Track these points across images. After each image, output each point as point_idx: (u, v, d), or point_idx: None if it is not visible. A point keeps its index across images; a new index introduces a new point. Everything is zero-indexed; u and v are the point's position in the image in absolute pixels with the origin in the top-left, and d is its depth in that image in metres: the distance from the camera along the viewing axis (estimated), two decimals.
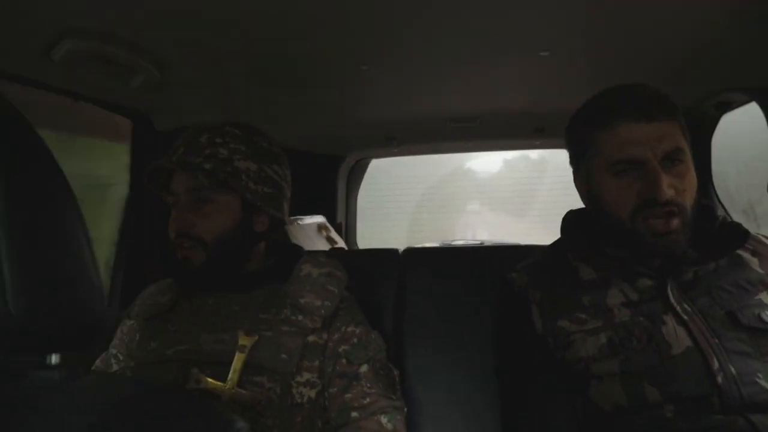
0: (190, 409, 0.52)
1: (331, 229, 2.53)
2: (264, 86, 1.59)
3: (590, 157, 1.08)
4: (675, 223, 0.99)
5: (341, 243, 2.56)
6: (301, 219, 2.31)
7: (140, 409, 0.49)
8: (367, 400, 1.12)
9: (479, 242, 3.38)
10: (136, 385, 0.52)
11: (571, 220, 1.21)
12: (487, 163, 4.32)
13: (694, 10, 1.13)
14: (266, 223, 1.26)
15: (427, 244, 3.04)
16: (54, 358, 0.53)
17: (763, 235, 1.13)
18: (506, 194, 4.23)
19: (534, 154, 3.97)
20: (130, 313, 1.27)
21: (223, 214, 1.19)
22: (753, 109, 1.57)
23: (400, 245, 1.70)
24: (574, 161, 1.16)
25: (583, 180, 1.13)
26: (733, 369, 0.92)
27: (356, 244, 3.04)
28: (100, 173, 1.81)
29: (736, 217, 2.08)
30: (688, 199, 1.01)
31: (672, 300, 0.99)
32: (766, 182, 1.48)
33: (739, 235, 1.07)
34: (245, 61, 1.37)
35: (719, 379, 0.91)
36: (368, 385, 1.14)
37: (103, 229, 1.82)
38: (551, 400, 1.03)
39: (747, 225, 1.19)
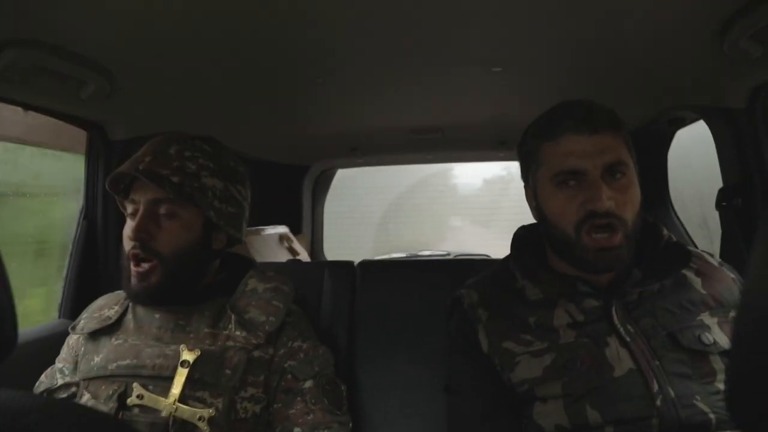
0: (93, 426, 0.51)
1: (294, 239, 2.52)
2: (222, 97, 1.58)
3: (536, 169, 1.10)
4: (618, 238, 1.00)
5: (304, 254, 2.55)
6: (263, 229, 2.30)
7: (42, 427, 0.49)
8: (311, 416, 1.12)
9: (446, 252, 3.39)
10: (42, 405, 0.51)
11: (520, 236, 1.22)
12: (455, 175, 4.36)
13: (646, 29, 1.15)
14: (224, 241, 1.25)
15: (394, 255, 3.05)
16: None
17: (708, 253, 1.15)
18: (473, 205, 4.26)
19: (499, 166, 4.01)
20: (75, 327, 1.25)
21: (184, 230, 1.17)
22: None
23: (368, 255, 1.70)
24: (524, 175, 1.17)
25: (531, 194, 1.14)
26: (672, 392, 0.93)
27: (323, 255, 3.04)
28: (53, 182, 1.79)
29: (692, 231, 2.12)
30: (630, 214, 1.02)
31: (616, 321, 1.01)
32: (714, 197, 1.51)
33: (682, 255, 1.09)
34: (200, 72, 1.36)
35: (658, 402, 0.92)
36: (312, 401, 1.14)
37: (56, 239, 1.79)
38: (494, 424, 1.03)
39: (701, 239, 1.23)
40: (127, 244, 1.16)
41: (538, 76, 1.47)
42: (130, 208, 1.19)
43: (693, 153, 2.26)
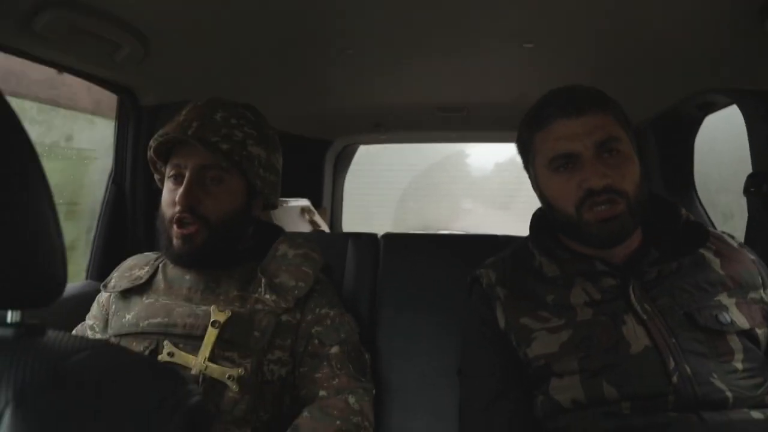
0: (143, 370, 0.53)
1: (315, 212, 2.54)
2: (251, 67, 1.59)
3: (533, 158, 1.12)
4: (619, 208, 1.01)
5: (324, 227, 2.57)
6: (285, 201, 2.32)
7: (93, 368, 0.51)
8: (336, 380, 1.14)
9: (464, 233, 3.40)
10: (93, 345, 0.53)
11: (539, 217, 1.23)
12: (475, 155, 4.33)
13: (678, 10, 1.14)
14: (260, 208, 1.27)
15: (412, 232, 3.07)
16: (13, 316, 0.54)
17: (728, 235, 1.15)
18: (492, 186, 4.25)
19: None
20: (107, 286, 1.28)
21: (230, 196, 1.19)
22: (736, 110, 1.58)
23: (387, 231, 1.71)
24: (525, 166, 1.19)
25: (534, 183, 1.16)
26: (688, 369, 0.94)
27: (341, 229, 3.06)
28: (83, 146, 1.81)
29: (716, 220, 2.10)
30: (630, 186, 1.03)
31: (633, 300, 1.01)
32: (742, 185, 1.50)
33: (701, 234, 1.09)
34: (232, 41, 1.37)
35: (674, 379, 0.93)
36: (338, 366, 1.16)
37: (86, 202, 1.82)
38: (505, 404, 1.05)
39: (726, 228, 1.22)
40: (170, 208, 1.17)
41: (569, 54, 1.46)
42: (171, 171, 1.19)
43: (723, 145, 2.23)
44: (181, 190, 1.15)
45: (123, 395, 0.49)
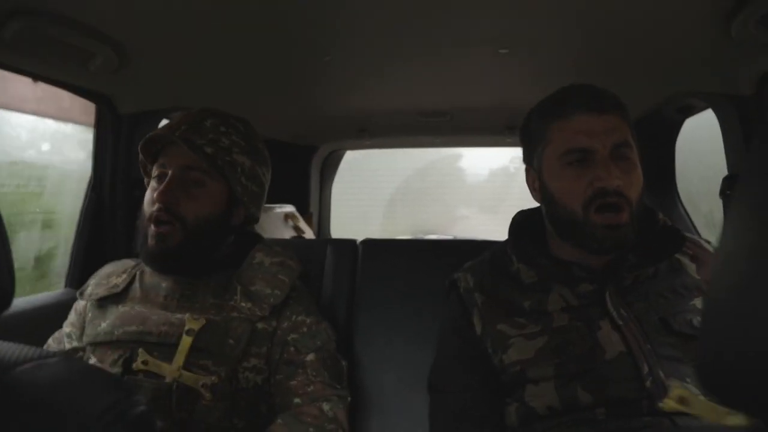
0: (88, 380, 0.53)
1: (300, 218, 2.53)
2: (232, 74, 1.59)
3: (543, 148, 1.10)
4: (624, 216, 1.01)
5: (309, 233, 2.57)
6: (269, 207, 2.31)
7: (36, 379, 0.50)
8: (311, 387, 1.14)
9: (452, 237, 3.40)
10: (38, 355, 0.53)
11: (519, 221, 1.23)
12: (464, 159, 4.35)
13: (655, 13, 1.15)
14: (241, 218, 1.27)
15: (399, 237, 3.07)
16: None
17: (705, 240, 1.16)
18: (481, 190, 4.26)
19: (506, 153, 3.98)
20: (83, 293, 1.28)
21: (210, 200, 1.19)
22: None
23: (375, 237, 1.71)
24: (527, 157, 1.17)
25: (535, 175, 1.14)
26: (662, 373, 0.94)
27: (329, 235, 3.06)
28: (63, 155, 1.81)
29: (698, 222, 2.11)
30: (635, 194, 1.03)
31: (609, 306, 1.02)
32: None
33: (677, 239, 1.09)
34: (212, 49, 1.37)
35: (648, 384, 0.94)
36: (314, 373, 1.16)
37: (65, 209, 1.82)
38: (474, 422, 1.05)
39: (707, 230, 1.23)
40: (150, 206, 1.18)
41: (545, 59, 1.46)
42: (156, 171, 1.21)
43: (704, 147, 2.24)
44: (161, 187, 1.16)
45: (64, 406, 0.49)
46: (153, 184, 1.20)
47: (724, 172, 1.51)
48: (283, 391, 1.15)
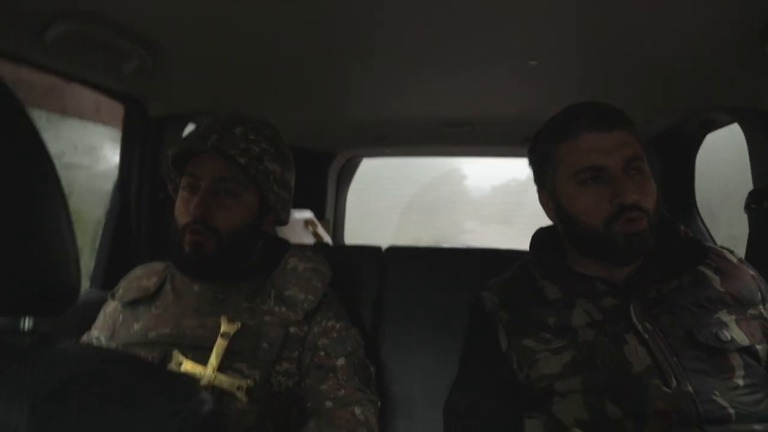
0: (157, 382, 0.53)
1: (318, 224, 2.54)
2: (257, 80, 1.61)
3: (555, 170, 1.11)
4: (643, 224, 1.02)
5: (327, 239, 2.58)
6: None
7: (106, 377, 0.51)
8: (342, 392, 1.14)
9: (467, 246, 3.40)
10: (105, 355, 0.54)
11: (539, 237, 1.24)
12: (479, 168, 4.36)
13: (680, 30, 1.16)
14: (272, 224, 1.28)
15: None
16: (27, 323, 0.55)
17: (728, 250, 1.16)
18: (495, 201, 4.27)
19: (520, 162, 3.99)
20: (114, 295, 1.29)
21: (243, 210, 1.19)
22: (737, 127, 1.60)
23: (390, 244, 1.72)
24: (539, 179, 1.18)
25: (549, 195, 1.15)
26: (690, 387, 0.95)
27: (343, 241, 3.06)
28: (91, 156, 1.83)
29: (718, 237, 2.11)
30: (651, 204, 1.04)
31: (634, 319, 1.02)
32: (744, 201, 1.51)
33: (699, 251, 1.10)
34: (239, 54, 1.39)
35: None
36: (344, 378, 1.16)
37: (92, 212, 1.83)
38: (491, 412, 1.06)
39: (727, 244, 1.23)
40: (184, 217, 1.17)
41: (572, 72, 1.47)
42: (186, 181, 1.20)
43: (722, 158, 2.24)
44: (195, 200, 1.15)
45: (136, 405, 0.49)
46: (185, 194, 1.19)
47: (745, 186, 1.52)
48: (314, 395, 1.15)
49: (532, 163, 1.19)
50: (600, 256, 1.08)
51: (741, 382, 0.96)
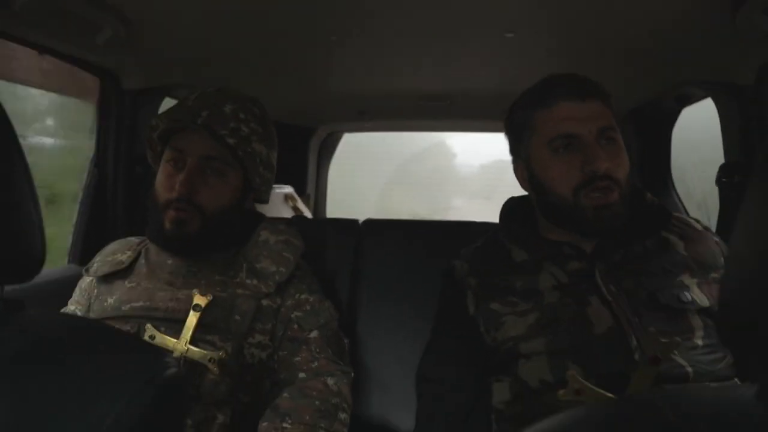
0: (122, 346, 0.54)
1: (298, 199, 2.55)
2: (234, 53, 1.60)
3: (529, 138, 1.13)
4: (614, 196, 1.04)
5: (307, 213, 2.59)
6: None
7: (72, 341, 0.52)
8: (315, 363, 1.16)
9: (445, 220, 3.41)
10: (73, 321, 0.54)
11: (509, 207, 1.26)
12: (460, 144, 4.37)
13: (656, 3, 1.17)
14: (251, 201, 1.29)
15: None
16: None
17: (694, 219, 1.20)
18: (476, 174, 4.29)
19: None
20: (89, 270, 1.28)
21: (228, 190, 1.20)
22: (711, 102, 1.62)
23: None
24: (514, 147, 1.20)
25: (523, 164, 1.17)
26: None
27: (325, 216, 3.07)
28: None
29: (692, 210, 2.15)
30: (623, 175, 1.06)
31: (599, 282, 1.05)
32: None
33: (663, 216, 1.13)
34: (216, 26, 1.37)
35: (636, 357, 0.97)
36: (317, 350, 1.18)
37: (68, 186, 1.81)
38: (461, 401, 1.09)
39: (700, 217, 1.26)
40: (167, 192, 1.17)
41: (548, 45, 1.48)
42: (170, 155, 1.19)
43: (699, 135, 2.26)
44: (181, 177, 1.15)
45: (101, 367, 0.51)
46: (168, 168, 1.18)
47: (717, 160, 1.54)
48: (287, 366, 1.17)
49: (508, 133, 1.21)
50: (570, 227, 1.10)
51: (700, 342, 1.00)
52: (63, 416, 0.47)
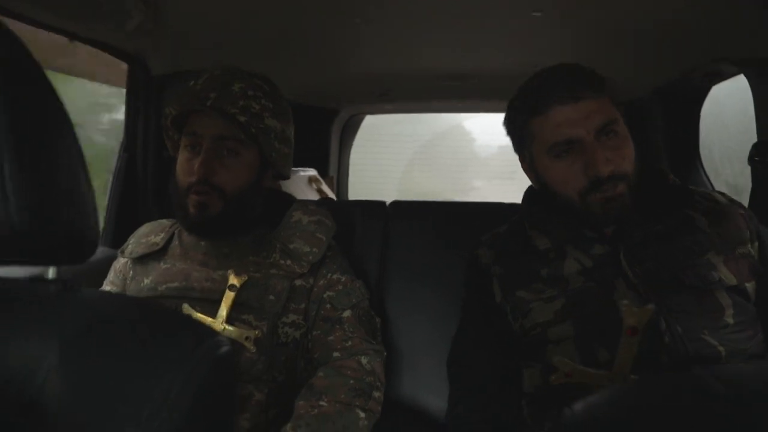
0: (175, 324, 0.56)
1: (322, 181, 2.56)
2: (260, 35, 1.60)
3: (530, 144, 1.12)
4: (620, 188, 1.04)
5: (331, 195, 2.60)
6: (293, 171, 2.33)
7: (128, 319, 0.54)
8: (349, 342, 1.18)
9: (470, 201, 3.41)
10: (126, 300, 0.56)
11: (530, 193, 1.26)
12: (483, 124, 4.34)
13: None
14: (271, 178, 1.29)
15: None
16: (51, 272, 0.58)
17: (720, 193, 1.17)
18: (495, 155, 4.27)
19: None
20: (124, 251, 1.31)
21: (245, 169, 1.21)
22: (742, 79, 1.59)
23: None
24: (518, 148, 1.19)
25: (529, 165, 1.17)
26: (679, 328, 0.98)
27: (347, 198, 3.08)
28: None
29: (719, 188, 2.12)
30: (629, 167, 1.05)
31: (623, 264, 1.04)
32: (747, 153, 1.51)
33: (685, 195, 1.12)
34: (240, 11, 1.38)
35: (666, 338, 0.97)
36: (350, 329, 1.20)
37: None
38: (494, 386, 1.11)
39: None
40: (187, 177, 1.18)
41: (577, 24, 1.46)
42: (187, 141, 1.20)
43: (728, 113, 2.23)
44: (198, 160, 1.16)
45: (156, 343, 0.52)
46: (186, 153, 1.20)
47: (748, 138, 1.52)
48: (321, 346, 1.19)
49: (508, 133, 1.20)
50: (579, 222, 1.10)
51: (731, 320, 0.99)
52: (127, 393, 0.49)
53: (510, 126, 1.18)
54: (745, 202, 1.53)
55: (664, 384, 0.45)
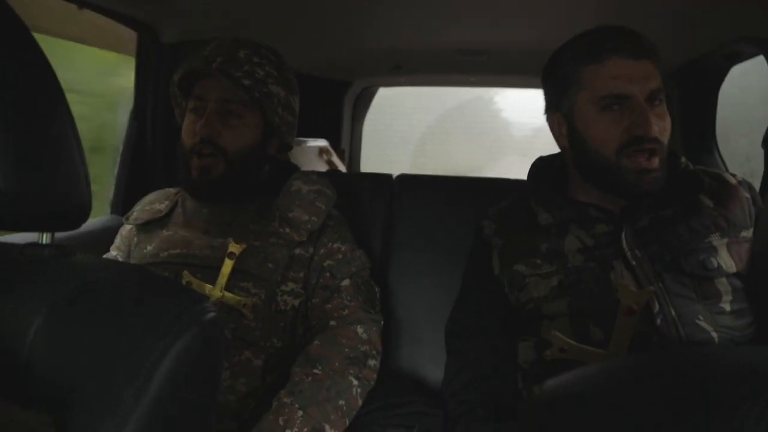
0: (164, 290, 0.57)
1: (333, 153, 2.56)
2: (272, 7, 1.59)
3: (575, 93, 1.07)
4: (656, 161, 1.02)
5: (342, 168, 2.60)
6: (304, 141, 2.34)
7: (117, 283, 0.55)
8: (346, 311, 1.20)
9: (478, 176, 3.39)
10: (117, 266, 0.58)
11: (538, 166, 1.24)
12: (497, 100, 4.29)
13: None
14: (276, 147, 1.31)
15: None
16: (45, 238, 0.59)
17: (732, 174, 1.15)
18: (513, 131, 4.23)
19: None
20: (129, 218, 1.34)
21: (248, 131, 1.23)
22: (761, 60, 1.55)
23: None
24: (553, 100, 1.14)
25: (563, 119, 1.12)
26: (673, 311, 0.98)
27: (359, 170, 3.08)
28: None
29: (733, 170, 2.08)
30: (666, 140, 1.04)
31: (624, 246, 1.04)
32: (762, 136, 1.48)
33: (696, 183, 1.10)
34: None
35: (658, 321, 0.97)
36: (348, 298, 1.22)
37: (108, 140, 1.86)
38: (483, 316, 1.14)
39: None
40: (190, 139, 1.21)
41: (596, 2, 1.43)
42: (193, 104, 1.23)
43: (745, 95, 2.17)
44: (202, 120, 1.19)
45: (144, 308, 0.54)
46: (191, 116, 1.23)
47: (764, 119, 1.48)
48: (319, 314, 1.21)
49: (547, 84, 1.16)
50: (608, 187, 1.08)
51: (728, 307, 0.99)
52: (113, 353, 0.50)
53: (551, 75, 1.14)
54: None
55: (636, 363, 0.45)
